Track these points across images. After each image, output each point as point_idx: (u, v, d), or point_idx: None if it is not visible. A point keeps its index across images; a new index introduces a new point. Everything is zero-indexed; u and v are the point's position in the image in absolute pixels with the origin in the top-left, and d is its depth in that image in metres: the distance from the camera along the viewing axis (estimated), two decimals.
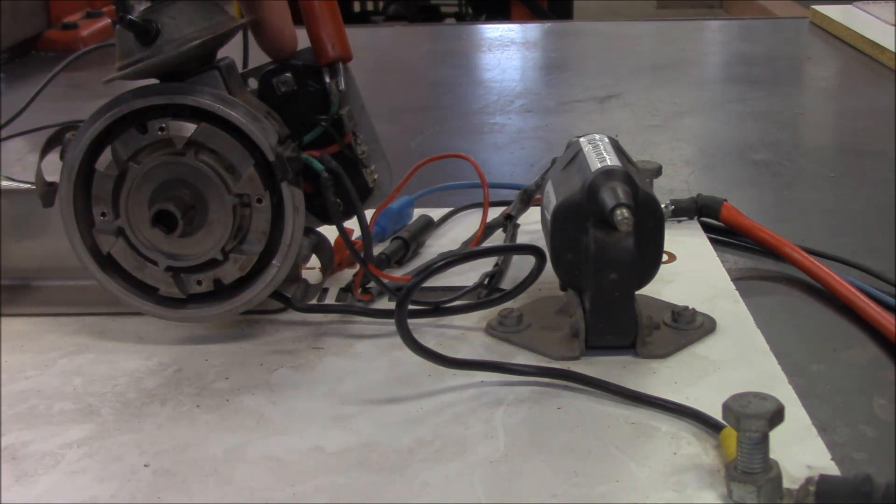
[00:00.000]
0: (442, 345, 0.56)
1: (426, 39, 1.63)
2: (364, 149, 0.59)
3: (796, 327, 0.61)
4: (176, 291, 0.56)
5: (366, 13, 3.99)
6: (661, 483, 0.44)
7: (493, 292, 0.62)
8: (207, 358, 0.56)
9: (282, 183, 0.55)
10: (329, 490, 0.45)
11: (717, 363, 0.54)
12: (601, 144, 0.59)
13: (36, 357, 0.57)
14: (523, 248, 0.62)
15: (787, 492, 0.42)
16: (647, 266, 0.55)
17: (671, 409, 0.49)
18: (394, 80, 1.33)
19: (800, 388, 0.51)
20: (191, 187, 0.54)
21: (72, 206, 0.56)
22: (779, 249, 0.67)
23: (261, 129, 0.54)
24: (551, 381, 0.52)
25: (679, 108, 1.10)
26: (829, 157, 0.96)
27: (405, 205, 0.72)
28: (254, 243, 0.56)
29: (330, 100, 0.57)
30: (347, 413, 0.51)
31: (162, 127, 0.54)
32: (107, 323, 0.61)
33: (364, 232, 0.57)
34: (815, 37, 1.46)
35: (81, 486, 0.46)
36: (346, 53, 0.57)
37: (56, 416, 0.51)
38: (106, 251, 0.56)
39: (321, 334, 0.59)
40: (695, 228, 0.72)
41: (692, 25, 1.73)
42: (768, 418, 0.42)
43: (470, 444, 0.48)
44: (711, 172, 0.89)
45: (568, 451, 0.47)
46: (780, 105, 1.12)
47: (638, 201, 0.54)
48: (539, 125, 1.06)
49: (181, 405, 0.52)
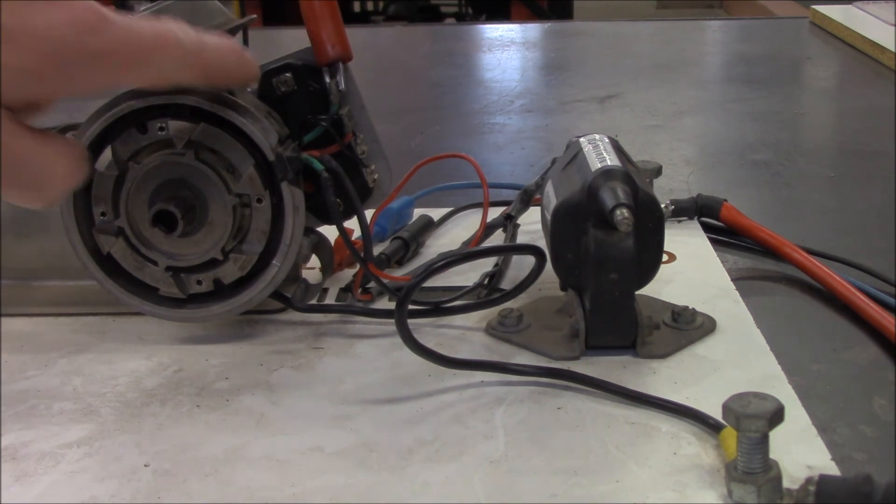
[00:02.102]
0: (442, 345, 0.56)
1: (426, 39, 1.63)
2: (364, 149, 0.59)
3: (796, 327, 0.61)
4: (176, 291, 0.56)
5: (366, 13, 4.00)
6: (661, 483, 0.44)
7: (493, 292, 0.62)
8: (207, 358, 0.56)
9: (282, 183, 0.55)
10: (329, 490, 0.45)
11: (717, 363, 0.54)
12: (601, 144, 0.59)
13: (36, 357, 0.57)
14: (523, 248, 0.62)
15: (787, 492, 0.42)
16: (647, 266, 0.55)
17: (671, 409, 0.49)
18: (394, 80, 1.33)
19: (800, 388, 0.51)
20: (191, 187, 0.54)
21: (72, 206, 0.56)
22: (779, 249, 0.67)
23: (261, 129, 0.54)
24: (551, 381, 0.52)
25: (679, 108, 1.10)
26: (829, 157, 0.96)
27: (405, 205, 0.72)
28: (254, 243, 0.56)
29: (330, 100, 0.57)
30: (347, 413, 0.51)
31: (162, 127, 0.54)
32: (107, 323, 0.61)
33: (364, 232, 0.57)
34: (815, 37, 1.46)
35: (81, 486, 0.46)
36: (346, 53, 0.57)
37: (56, 416, 0.51)
38: (106, 251, 0.56)
39: (321, 334, 0.59)
40: (695, 228, 0.72)
41: (692, 25, 1.73)
42: (768, 418, 0.42)
43: (470, 444, 0.48)
44: (711, 172, 0.89)
45: (568, 451, 0.47)
46: (780, 105, 1.12)
47: (638, 201, 0.54)
48: (539, 125, 1.06)
49: (181, 405, 0.52)
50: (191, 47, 0.47)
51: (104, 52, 0.43)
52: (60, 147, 0.45)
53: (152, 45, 0.45)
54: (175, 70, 0.47)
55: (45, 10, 0.41)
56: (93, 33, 0.42)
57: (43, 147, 0.44)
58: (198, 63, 0.48)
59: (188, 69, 0.47)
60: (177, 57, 0.46)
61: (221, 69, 0.49)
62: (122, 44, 0.43)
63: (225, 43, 0.49)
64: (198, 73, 0.48)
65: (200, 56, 0.47)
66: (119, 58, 0.44)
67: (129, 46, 0.44)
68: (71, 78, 0.43)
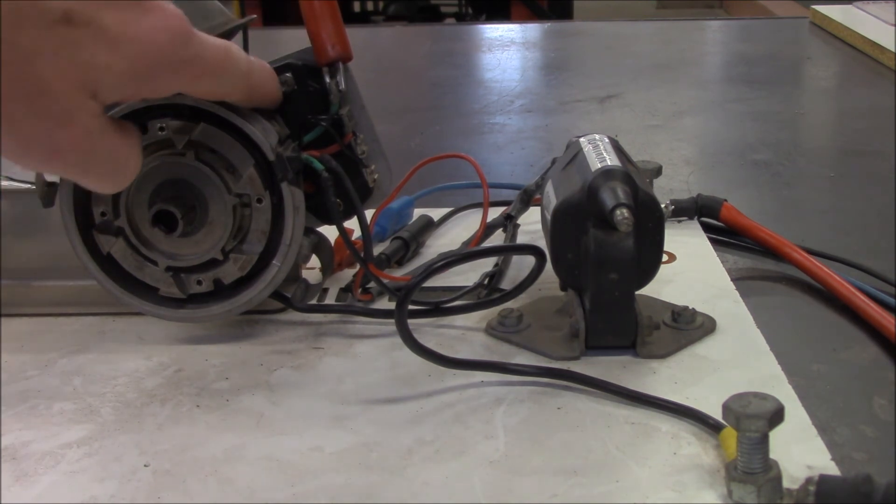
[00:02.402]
0: (442, 345, 0.56)
1: (426, 39, 1.63)
2: (364, 149, 0.59)
3: (796, 327, 0.61)
4: (176, 291, 0.56)
5: (366, 13, 4.00)
6: (661, 483, 0.44)
7: (493, 292, 0.62)
8: (207, 358, 0.56)
9: (282, 183, 0.55)
10: (329, 490, 0.45)
11: (717, 363, 0.54)
12: (601, 144, 0.59)
13: (36, 357, 0.57)
14: (523, 248, 0.62)
15: (787, 492, 0.42)
16: (647, 266, 0.55)
17: (671, 409, 0.49)
18: (394, 80, 1.33)
19: (800, 388, 0.51)
20: (191, 187, 0.55)
21: (72, 206, 0.56)
22: (779, 249, 0.67)
23: (261, 129, 0.54)
24: (551, 381, 0.52)
25: (679, 108, 1.10)
26: (829, 157, 0.97)
27: (405, 205, 0.72)
28: (254, 243, 0.56)
29: (330, 100, 0.57)
30: (347, 413, 0.51)
31: (162, 127, 0.54)
32: (107, 323, 0.61)
33: (364, 232, 0.57)
34: (815, 37, 1.46)
35: (81, 486, 0.46)
36: (346, 53, 0.57)
37: (56, 416, 0.51)
38: (106, 251, 0.56)
39: (321, 334, 0.59)
40: (695, 228, 0.72)
41: (692, 25, 1.73)
42: (768, 418, 0.42)
43: (470, 444, 0.48)
44: (711, 172, 0.89)
45: (568, 451, 0.47)
46: (780, 105, 1.12)
47: (638, 201, 0.54)
48: (539, 125, 1.06)
49: (181, 405, 0.52)
50: (244, 67, 0.50)
51: (189, 61, 0.46)
52: (135, 139, 0.48)
53: (223, 61, 0.48)
54: (231, 87, 0.50)
55: (144, 18, 0.44)
56: (184, 44, 0.45)
57: (124, 140, 0.47)
58: (247, 84, 0.51)
59: (239, 89, 0.51)
60: (236, 75, 0.50)
61: (262, 91, 0.53)
62: (202, 57, 0.47)
63: (266, 67, 0.53)
64: (245, 92, 0.52)
65: (250, 77, 0.51)
66: (198, 69, 0.47)
67: (207, 60, 0.47)
68: (156, 82, 0.46)
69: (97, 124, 0.45)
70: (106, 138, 0.46)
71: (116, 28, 0.43)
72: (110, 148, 0.46)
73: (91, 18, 0.42)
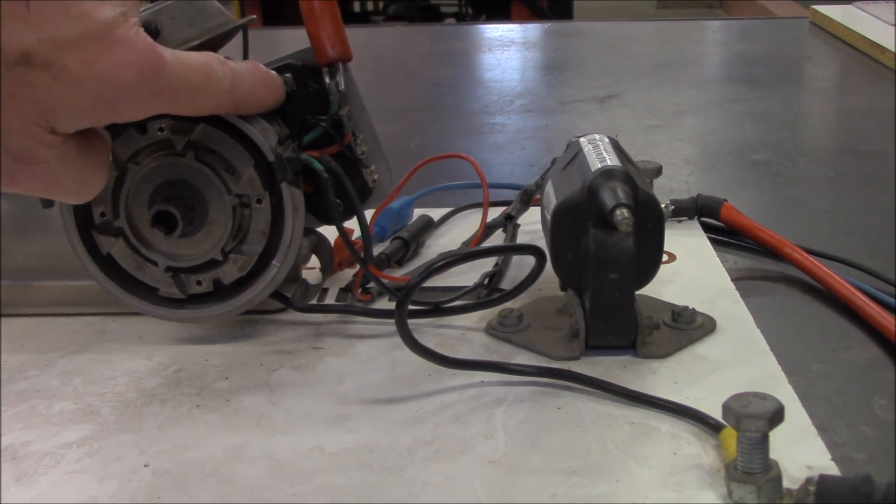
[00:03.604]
0: (442, 345, 0.56)
1: (426, 39, 1.63)
2: (364, 149, 0.59)
3: (796, 327, 0.61)
4: (176, 292, 0.56)
5: (366, 13, 4.00)
6: (661, 483, 0.44)
7: (493, 292, 0.62)
8: (207, 358, 0.56)
9: (281, 183, 0.55)
10: (329, 490, 0.45)
11: (717, 363, 0.54)
12: (601, 144, 0.59)
13: (36, 357, 0.57)
14: (523, 248, 0.62)
15: (787, 492, 0.42)
16: (647, 266, 0.55)
17: (671, 409, 0.49)
18: (394, 80, 1.33)
19: (800, 388, 0.51)
20: (191, 188, 0.55)
21: (71, 207, 0.56)
22: (779, 249, 0.67)
23: (261, 130, 0.54)
24: (551, 381, 0.52)
25: (679, 108, 1.10)
26: (829, 157, 0.96)
27: (405, 205, 0.72)
28: (253, 244, 0.56)
29: (330, 100, 0.57)
30: (347, 413, 0.51)
31: (161, 127, 0.54)
32: (107, 323, 0.61)
33: (364, 232, 0.57)
34: (815, 37, 1.46)
35: (81, 486, 0.46)
36: (346, 53, 0.57)
37: (56, 416, 0.51)
38: (106, 251, 0.56)
39: (321, 334, 0.59)
40: (695, 228, 0.72)
41: (692, 25, 1.73)
42: (768, 418, 0.42)
43: (470, 444, 0.48)
44: (711, 172, 0.89)
45: (568, 451, 0.47)
46: (780, 105, 1.12)
47: (638, 201, 0.54)
48: (539, 125, 1.06)
49: (181, 405, 0.52)
50: (227, 84, 0.50)
51: (159, 92, 0.46)
52: (100, 157, 0.48)
53: (201, 83, 0.48)
54: (213, 105, 0.50)
55: (109, 54, 0.43)
56: (154, 77, 0.45)
57: (88, 160, 0.47)
58: (231, 100, 0.51)
59: (223, 105, 0.51)
60: (217, 94, 0.49)
61: (251, 102, 0.53)
62: (175, 84, 0.46)
63: (256, 73, 0.53)
64: (230, 107, 0.52)
65: (234, 94, 0.51)
66: (171, 95, 0.46)
67: (181, 86, 0.47)
68: (125, 113, 0.46)
69: (56, 154, 0.45)
70: (68, 165, 0.46)
71: (78, 68, 0.42)
72: (72, 173, 0.46)
73: (51, 60, 0.42)
